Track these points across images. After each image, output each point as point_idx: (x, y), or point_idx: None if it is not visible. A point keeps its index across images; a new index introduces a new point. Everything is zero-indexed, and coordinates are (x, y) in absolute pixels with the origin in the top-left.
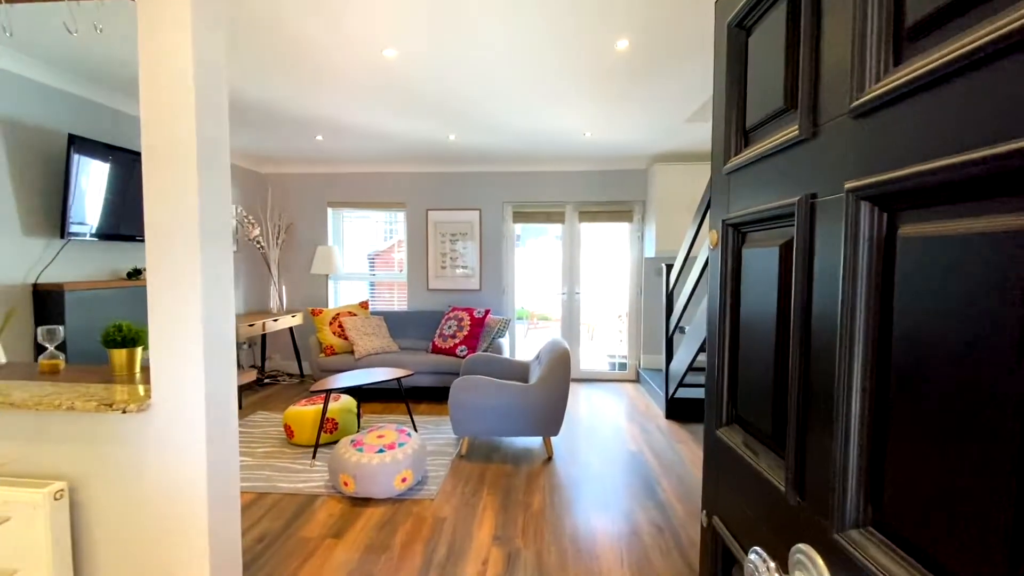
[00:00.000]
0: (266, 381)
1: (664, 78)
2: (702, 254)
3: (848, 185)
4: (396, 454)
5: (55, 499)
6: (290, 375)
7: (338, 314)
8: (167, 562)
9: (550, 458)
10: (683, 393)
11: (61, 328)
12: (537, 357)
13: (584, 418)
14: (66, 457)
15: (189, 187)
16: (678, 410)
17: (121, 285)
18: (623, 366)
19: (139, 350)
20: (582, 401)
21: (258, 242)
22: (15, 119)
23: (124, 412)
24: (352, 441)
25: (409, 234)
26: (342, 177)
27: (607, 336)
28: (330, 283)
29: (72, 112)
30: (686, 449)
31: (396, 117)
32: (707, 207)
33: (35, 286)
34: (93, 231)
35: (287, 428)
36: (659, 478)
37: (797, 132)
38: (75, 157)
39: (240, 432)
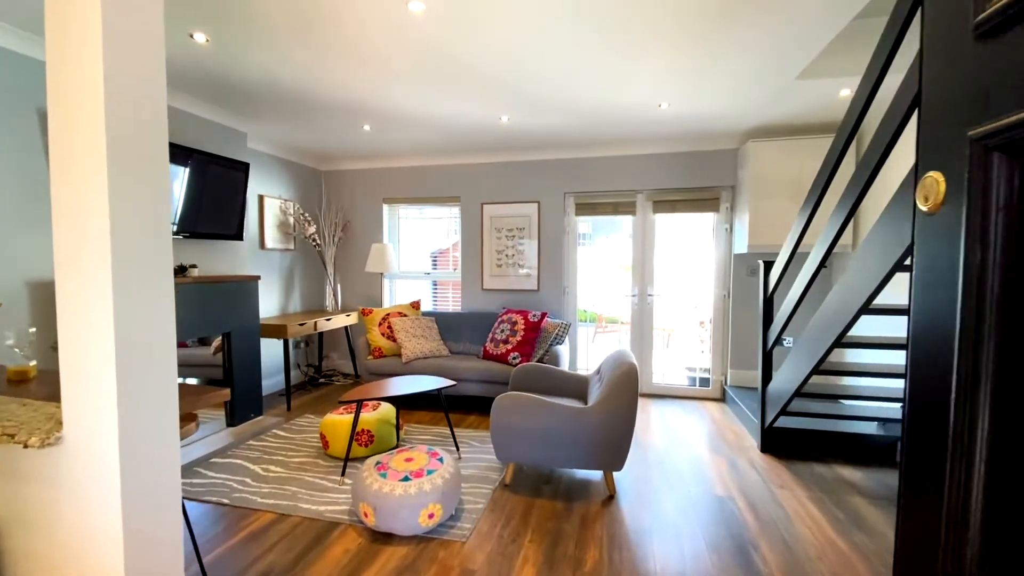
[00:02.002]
0: (321, 381)
1: (774, 14)
2: (818, 246)
3: None
4: (423, 484)
5: None
6: (345, 375)
7: (388, 314)
8: None
9: (612, 497)
10: (785, 422)
11: (32, 330)
12: (598, 372)
13: (656, 444)
14: None
15: (96, 182)
16: (778, 442)
17: None
18: (705, 382)
19: None
20: (654, 421)
21: (314, 240)
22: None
23: (25, 447)
24: (377, 463)
25: (463, 230)
26: (396, 172)
27: (685, 344)
28: (386, 282)
29: None
30: (791, 498)
31: (440, 96)
32: (828, 178)
33: None
34: None
35: (322, 438)
36: (756, 538)
37: None
38: None
39: (280, 437)
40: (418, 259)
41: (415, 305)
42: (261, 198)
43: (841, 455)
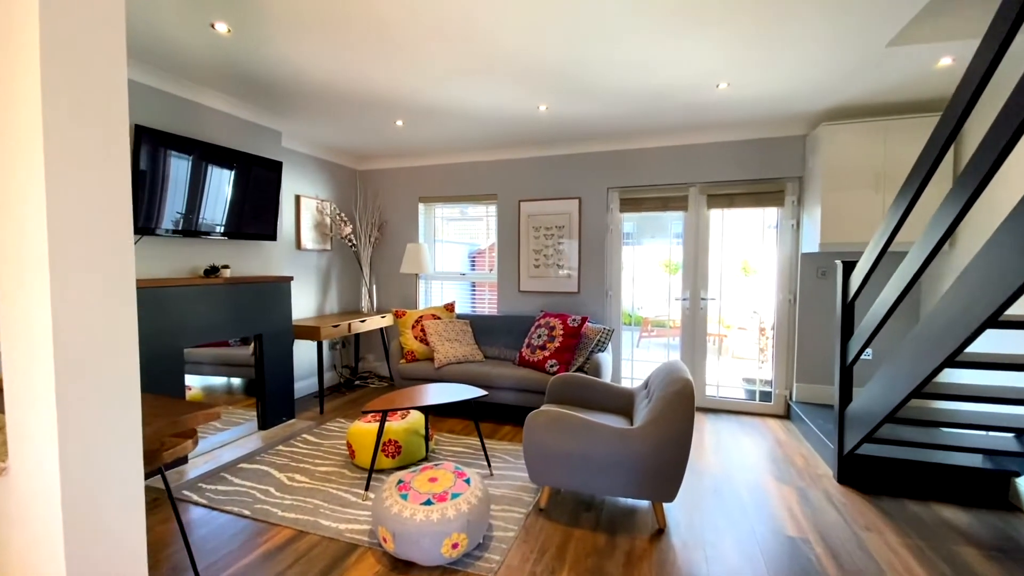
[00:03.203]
0: (356, 383)
1: None
2: (921, 246)
3: None
4: (447, 510)
5: None
6: (380, 378)
7: (421, 317)
8: None
9: (661, 531)
10: (870, 449)
11: None
12: (646, 385)
13: (712, 467)
14: None
15: (31, 176)
16: (860, 472)
17: (190, 283)
18: (766, 396)
19: None
20: (708, 439)
21: (350, 240)
22: None
23: None
24: (399, 482)
25: (499, 229)
26: (431, 170)
27: (743, 352)
28: (422, 283)
29: (139, 102)
30: (881, 545)
31: (475, 85)
32: (933, 164)
33: None
34: (168, 227)
35: (349, 447)
36: None
37: None
38: (143, 149)
39: (310, 443)
40: (456, 260)
41: (449, 307)
42: (298, 198)
43: (940, 491)
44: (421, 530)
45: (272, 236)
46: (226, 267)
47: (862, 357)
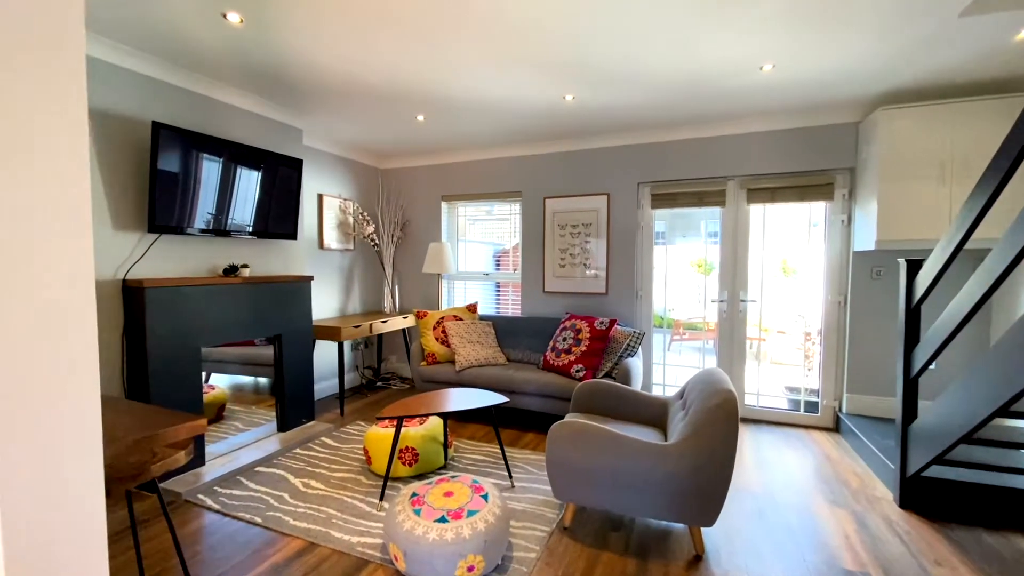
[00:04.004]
0: (378, 385)
1: None
2: (1007, 243)
3: None
4: (462, 529)
5: None
6: (403, 379)
7: (442, 318)
8: None
9: (699, 558)
10: (938, 471)
11: None
12: (682, 396)
13: (753, 485)
14: None
15: None
16: (925, 497)
17: (208, 282)
18: (812, 406)
19: None
20: (749, 454)
21: (372, 240)
22: (104, 109)
23: None
24: (413, 495)
25: (523, 227)
26: (453, 168)
27: (782, 357)
28: (445, 283)
29: (158, 99)
30: None
31: (496, 71)
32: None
33: (124, 282)
34: (187, 225)
35: (366, 452)
36: None
37: None
38: (161, 146)
39: (328, 446)
40: (481, 260)
41: (471, 308)
42: (320, 197)
43: (1021, 521)
44: (434, 550)
45: (293, 235)
46: (245, 266)
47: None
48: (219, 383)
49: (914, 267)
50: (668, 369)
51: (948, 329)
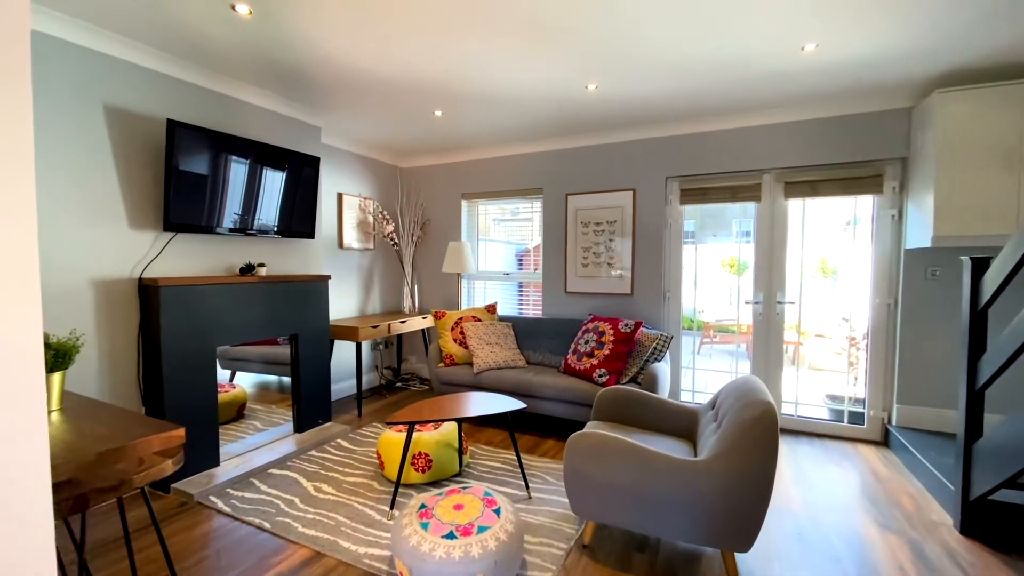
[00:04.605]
0: (398, 385)
1: None
2: None
3: None
4: (471, 547)
5: None
6: (422, 380)
7: (461, 318)
8: None
9: None
10: (1008, 495)
11: None
12: (713, 406)
13: (792, 504)
14: None
15: None
16: (992, 523)
17: (223, 281)
18: (857, 417)
19: (58, 376)
20: (787, 468)
21: (392, 239)
22: (120, 107)
23: None
24: (422, 507)
25: (545, 225)
26: (473, 165)
27: (825, 363)
28: (465, 283)
29: (174, 97)
30: None
31: (514, 59)
32: None
33: (140, 281)
34: (203, 224)
35: (379, 457)
36: None
37: None
38: (176, 144)
39: (343, 449)
40: (504, 260)
41: (491, 309)
42: (340, 196)
43: None
44: (440, 569)
45: (310, 234)
46: (262, 265)
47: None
48: (244, 382)
49: (981, 266)
50: (698, 374)
51: (1022, 336)
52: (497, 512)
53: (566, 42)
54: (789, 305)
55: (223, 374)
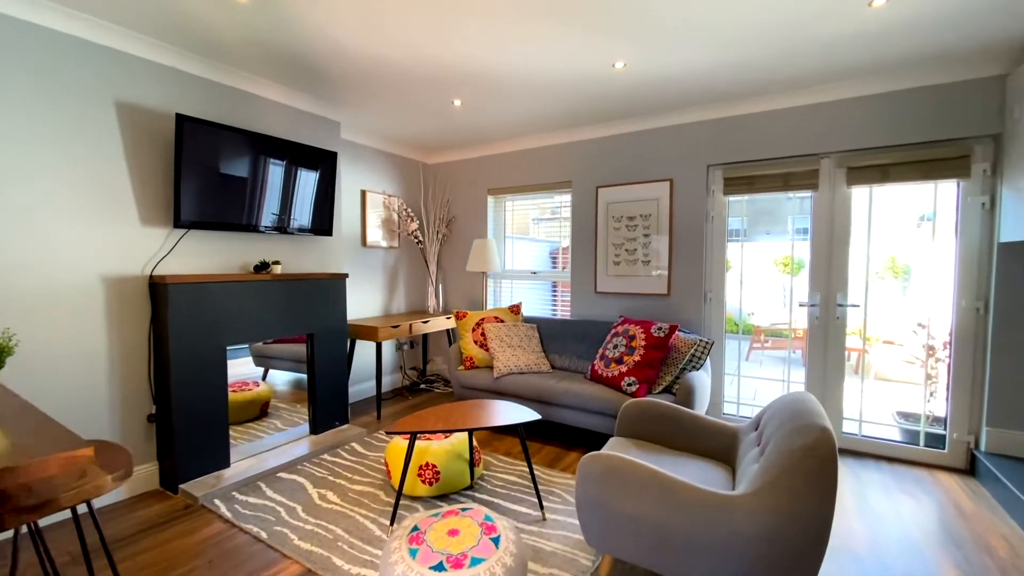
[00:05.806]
0: (421, 387)
1: None
2: None
3: None
4: None
5: None
6: (446, 382)
7: (483, 319)
8: None
9: None
10: None
11: None
12: (757, 425)
13: (855, 543)
14: None
15: None
16: None
17: (236, 279)
18: (937, 440)
19: None
20: (846, 497)
21: (416, 237)
22: (130, 102)
23: None
24: (415, 529)
25: (573, 220)
26: (499, 159)
27: (894, 373)
28: (491, 282)
29: (184, 91)
30: None
31: (533, 38)
32: None
33: (150, 278)
34: (215, 221)
35: (386, 465)
36: None
37: None
38: (186, 139)
39: (356, 453)
40: (535, 259)
41: (515, 309)
42: (363, 193)
43: None
44: None
45: (328, 231)
46: (277, 263)
47: None
48: (277, 380)
49: None
50: (744, 382)
51: None
52: (495, 541)
53: (592, 11)
54: (852, 308)
55: (256, 371)
